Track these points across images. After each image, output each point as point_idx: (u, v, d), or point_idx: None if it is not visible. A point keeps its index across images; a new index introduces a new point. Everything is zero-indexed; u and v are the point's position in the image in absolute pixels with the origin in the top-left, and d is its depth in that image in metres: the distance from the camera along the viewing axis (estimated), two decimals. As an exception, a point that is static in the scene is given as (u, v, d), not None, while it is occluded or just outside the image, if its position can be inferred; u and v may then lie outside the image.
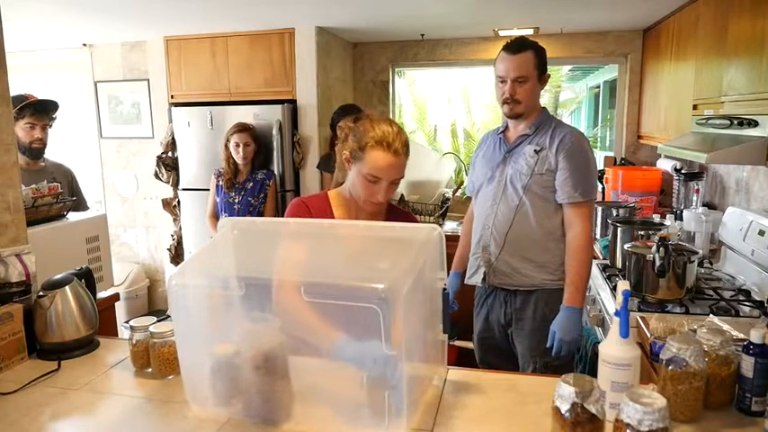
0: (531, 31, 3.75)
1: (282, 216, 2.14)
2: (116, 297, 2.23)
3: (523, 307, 1.98)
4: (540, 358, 1.94)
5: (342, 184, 1.62)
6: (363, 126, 1.47)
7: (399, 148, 1.44)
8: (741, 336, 1.39)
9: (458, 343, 2.69)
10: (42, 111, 2.51)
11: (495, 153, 2.02)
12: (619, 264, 2.34)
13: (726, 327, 1.46)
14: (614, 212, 3.05)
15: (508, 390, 1.29)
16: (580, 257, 1.87)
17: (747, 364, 1.12)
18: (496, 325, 2.06)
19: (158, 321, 1.40)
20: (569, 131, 1.91)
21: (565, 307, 1.85)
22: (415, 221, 1.72)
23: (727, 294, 1.99)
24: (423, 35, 3.90)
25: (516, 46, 1.88)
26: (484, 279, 2.02)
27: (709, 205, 2.89)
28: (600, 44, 3.83)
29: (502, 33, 3.80)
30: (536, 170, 1.89)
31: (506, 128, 2.04)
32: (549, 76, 1.96)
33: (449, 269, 1.92)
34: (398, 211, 1.70)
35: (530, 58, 1.87)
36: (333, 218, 1.57)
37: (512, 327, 2.01)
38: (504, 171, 1.97)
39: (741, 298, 1.96)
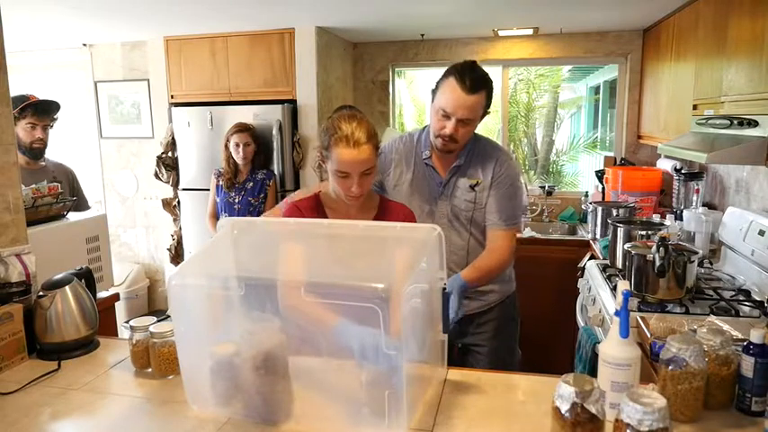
0: (530, 31, 3.75)
1: (282, 216, 2.14)
2: (116, 297, 2.23)
3: (479, 330, 1.94)
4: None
5: None
6: (327, 126, 1.51)
7: (360, 138, 1.45)
8: (741, 336, 1.39)
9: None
10: (44, 111, 2.51)
11: (426, 184, 1.88)
12: (619, 264, 2.34)
13: (726, 327, 1.46)
14: (614, 212, 3.05)
15: (508, 390, 1.29)
16: (498, 261, 1.82)
17: (747, 364, 1.12)
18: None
19: (158, 321, 1.40)
20: (498, 159, 1.84)
21: (462, 280, 1.71)
22: (410, 214, 1.70)
23: (727, 294, 1.99)
24: (423, 35, 3.90)
25: (473, 85, 1.69)
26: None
27: (709, 205, 2.89)
28: (600, 44, 3.83)
29: (501, 33, 3.81)
30: (476, 206, 1.85)
31: (431, 155, 1.88)
32: (489, 113, 1.81)
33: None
34: (391, 204, 1.69)
35: (481, 101, 1.72)
36: (326, 218, 1.58)
37: (466, 356, 1.96)
38: (444, 208, 1.87)
39: (741, 298, 1.96)
